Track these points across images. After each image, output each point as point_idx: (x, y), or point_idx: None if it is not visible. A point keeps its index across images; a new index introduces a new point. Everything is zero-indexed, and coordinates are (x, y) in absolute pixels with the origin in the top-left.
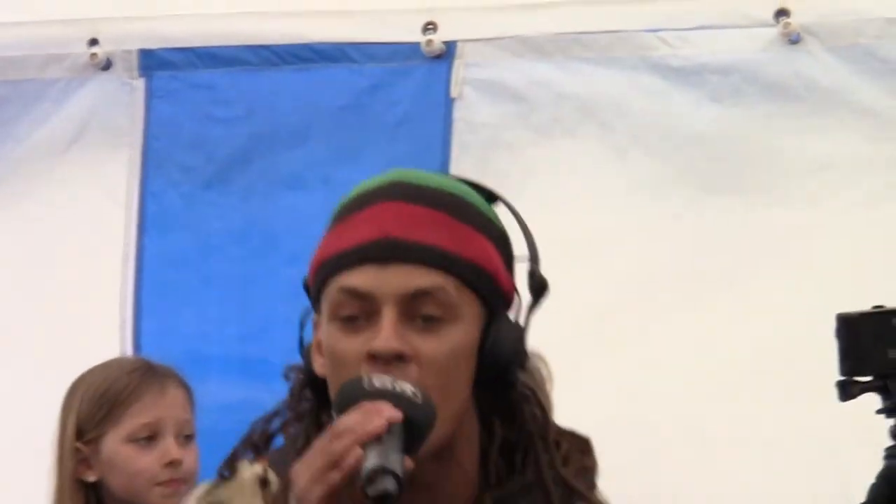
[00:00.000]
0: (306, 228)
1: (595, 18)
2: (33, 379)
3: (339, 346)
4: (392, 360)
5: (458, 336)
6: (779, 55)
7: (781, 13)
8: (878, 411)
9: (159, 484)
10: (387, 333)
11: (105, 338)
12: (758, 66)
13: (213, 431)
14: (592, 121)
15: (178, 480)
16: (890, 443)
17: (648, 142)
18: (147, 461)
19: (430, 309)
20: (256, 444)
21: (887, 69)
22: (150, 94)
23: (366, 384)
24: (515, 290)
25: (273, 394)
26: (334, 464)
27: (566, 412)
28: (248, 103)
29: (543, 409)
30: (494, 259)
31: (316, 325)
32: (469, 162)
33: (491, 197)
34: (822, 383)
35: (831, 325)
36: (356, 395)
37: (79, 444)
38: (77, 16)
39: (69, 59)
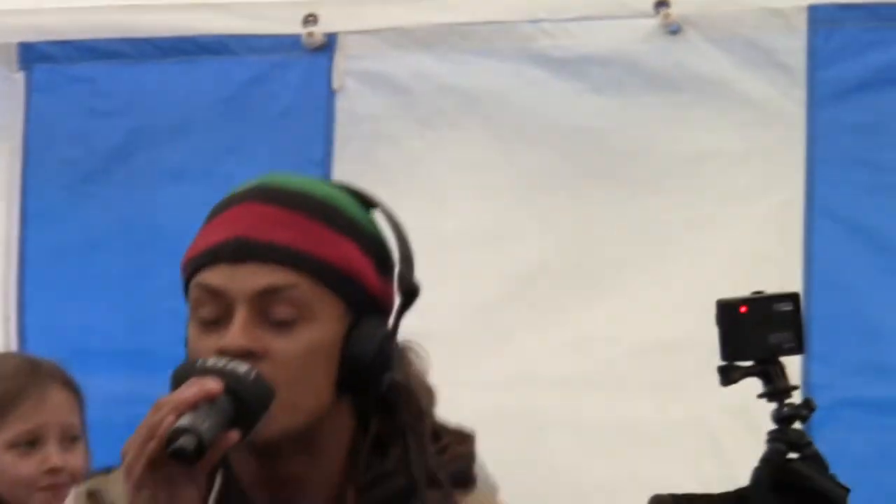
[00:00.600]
0: (189, 221)
1: (476, 9)
2: None
3: (195, 346)
4: (241, 357)
5: (314, 335)
6: (659, 46)
7: (661, 4)
8: (760, 395)
9: (41, 489)
10: (235, 331)
11: None
12: (638, 57)
13: (103, 424)
14: (475, 112)
15: (60, 485)
16: (772, 427)
17: (531, 133)
18: (28, 468)
19: (282, 307)
20: None
21: (767, 60)
22: (30, 88)
23: (198, 364)
24: (392, 293)
25: (160, 386)
26: (152, 434)
27: (453, 402)
28: (129, 96)
29: (418, 404)
30: (358, 261)
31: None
32: (352, 154)
33: (370, 203)
34: (703, 371)
35: (712, 313)
36: (187, 373)
37: None
38: None
39: None
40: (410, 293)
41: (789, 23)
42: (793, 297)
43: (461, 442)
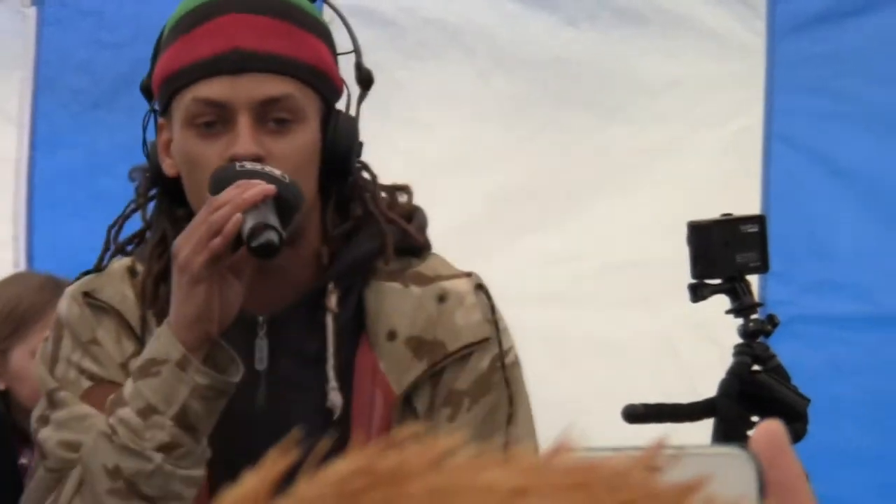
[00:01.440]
0: None
1: None
2: None
3: (195, 150)
4: (258, 160)
5: (306, 135)
6: None
7: None
8: (728, 311)
9: None
10: (245, 139)
11: None
12: None
13: None
14: (457, 45)
15: None
16: (737, 341)
17: (510, 64)
18: None
19: (280, 114)
20: (119, 243)
21: None
22: (42, 22)
23: (238, 167)
24: (343, 81)
25: None
26: (216, 231)
27: None
28: (134, 28)
29: (370, 170)
30: (327, 58)
31: (161, 128)
32: None
33: None
34: (668, 288)
35: (676, 234)
36: (230, 176)
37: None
38: None
39: None
40: (368, 81)
41: None
42: (759, 219)
43: (413, 208)
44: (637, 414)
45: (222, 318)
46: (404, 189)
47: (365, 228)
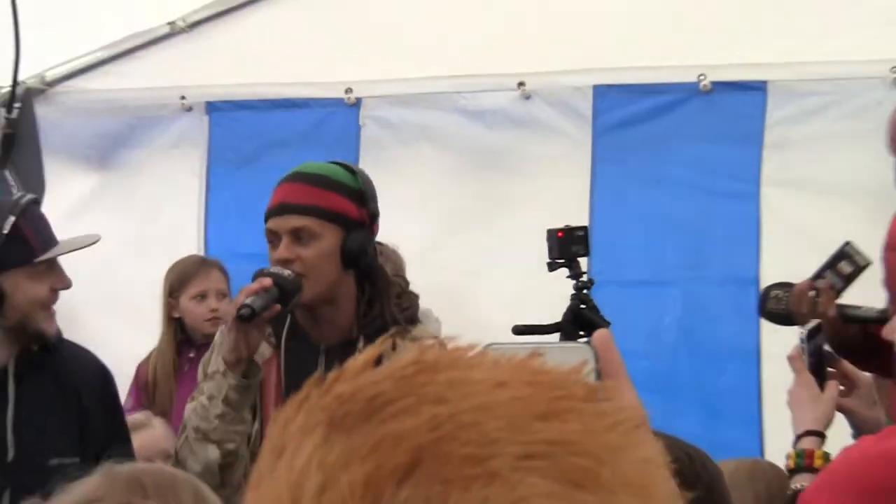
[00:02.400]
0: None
1: (434, 85)
2: (154, 265)
3: (270, 259)
4: (284, 262)
5: (320, 247)
6: (520, 104)
7: (521, 84)
8: (567, 276)
9: (207, 321)
10: (281, 250)
11: (188, 243)
12: (510, 110)
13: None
14: (430, 138)
15: (218, 318)
16: (573, 292)
17: (458, 149)
18: (200, 310)
19: (303, 234)
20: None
21: (574, 112)
22: (211, 124)
23: (263, 269)
24: (368, 216)
25: None
26: (234, 307)
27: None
28: (258, 129)
29: (386, 276)
30: (343, 204)
31: None
32: (368, 159)
33: (353, 170)
34: (541, 267)
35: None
36: (256, 274)
37: (170, 299)
38: (171, 83)
39: (171, 106)
40: (375, 216)
41: (585, 94)
42: (584, 228)
43: (412, 299)
44: (521, 330)
45: (249, 349)
46: (414, 296)
47: (386, 303)
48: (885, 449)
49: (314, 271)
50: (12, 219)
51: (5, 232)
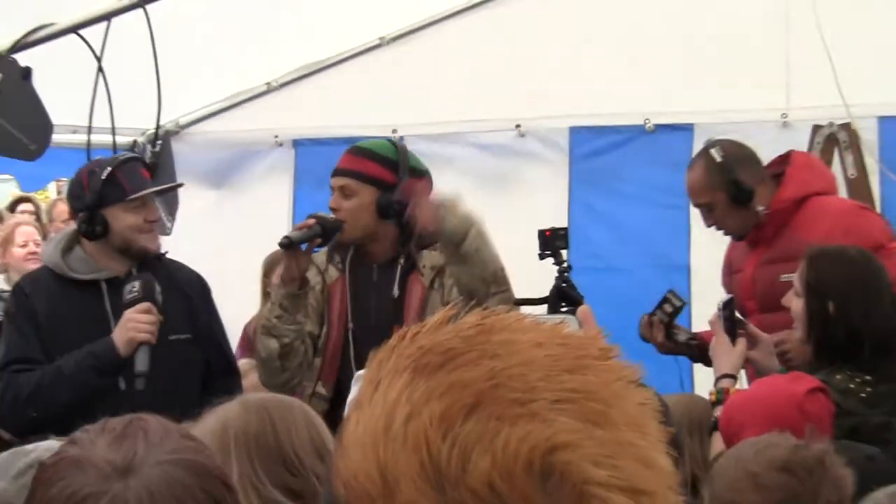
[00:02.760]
0: None
1: (444, 126)
2: (255, 257)
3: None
4: (333, 210)
5: (357, 200)
6: (515, 141)
7: (518, 125)
8: (553, 264)
9: None
10: (331, 201)
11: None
12: (499, 152)
13: None
14: (446, 163)
15: None
16: (556, 275)
17: (458, 173)
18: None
19: (346, 191)
20: None
21: (554, 146)
22: (296, 155)
23: (314, 213)
24: (399, 180)
25: None
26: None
27: None
28: (332, 161)
29: (413, 224)
30: (378, 170)
31: None
32: None
33: (396, 145)
34: (530, 256)
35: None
36: (309, 216)
37: (265, 279)
38: (267, 126)
39: (267, 142)
40: (402, 180)
41: (563, 133)
42: (565, 228)
43: (431, 237)
44: (518, 302)
45: (299, 269)
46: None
47: (415, 238)
48: (793, 392)
49: (352, 218)
50: (109, 169)
51: (103, 178)
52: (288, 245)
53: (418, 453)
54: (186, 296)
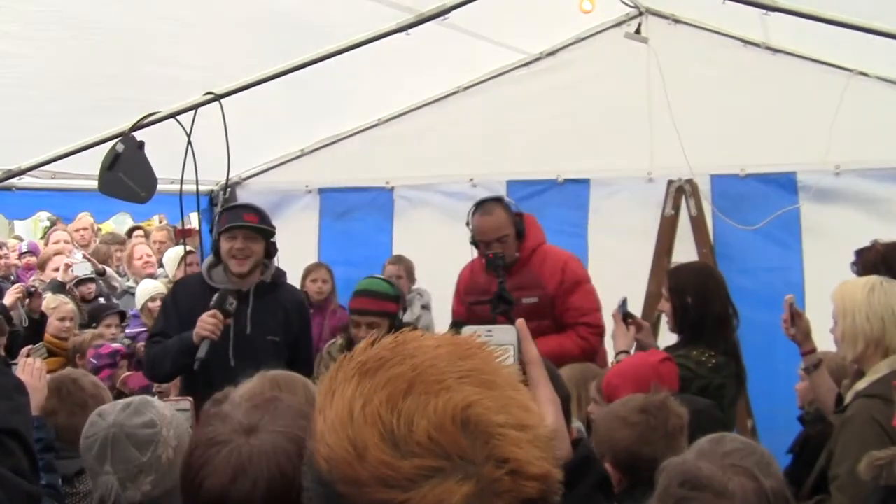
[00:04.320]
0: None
1: (439, 177)
2: (294, 270)
3: (353, 335)
4: (362, 338)
5: (380, 330)
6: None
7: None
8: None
9: (315, 292)
10: (362, 332)
11: (310, 257)
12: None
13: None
14: (441, 210)
15: (320, 292)
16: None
17: (447, 214)
18: (313, 287)
19: (373, 325)
20: None
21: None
22: (321, 199)
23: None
24: (401, 309)
25: None
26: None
27: None
28: (345, 202)
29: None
30: (390, 306)
31: None
32: (401, 224)
33: (392, 284)
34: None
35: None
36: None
37: (302, 282)
38: (300, 179)
39: (300, 190)
40: (405, 308)
41: (503, 184)
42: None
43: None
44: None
45: None
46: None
47: None
48: (651, 361)
49: None
50: (217, 208)
51: (216, 217)
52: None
53: (376, 426)
54: (286, 310)
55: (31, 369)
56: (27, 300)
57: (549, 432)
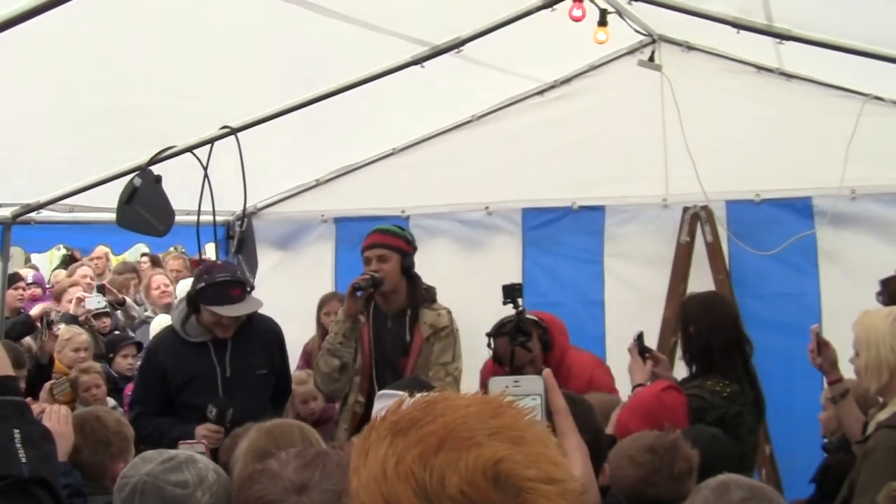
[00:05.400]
0: None
1: (446, 206)
2: (309, 299)
3: (364, 269)
4: (374, 271)
5: (390, 265)
6: (485, 224)
7: (487, 206)
8: (513, 309)
9: (331, 323)
10: (373, 265)
11: (325, 287)
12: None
13: None
14: (444, 234)
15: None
16: (513, 312)
17: (439, 235)
18: (329, 319)
19: (383, 258)
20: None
21: (513, 225)
22: (337, 228)
23: (367, 271)
24: (413, 250)
25: None
26: (351, 286)
27: None
28: (360, 231)
29: (420, 280)
30: (402, 244)
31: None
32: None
33: (404, 228)
34: (498, 300)
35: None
36: (365, 273)
37: (318, 313)
38: (316, 209)
39: (317, 220)
40: (415, 249)
41: (518, 212)
42: (520, 284)
43: (432, 291)
44: (493, 331)
45: (356, 309)
46: (433, 289)
47: (420, 292)
48: (654, 391)
49: (388, 276)
50: (203, 284)
51: (198, 287)
52: (357, 289)
53: (409, 482)
54: (267, 342)
55: (57, 416)
56: (44, 332)
57: (578, 486)
